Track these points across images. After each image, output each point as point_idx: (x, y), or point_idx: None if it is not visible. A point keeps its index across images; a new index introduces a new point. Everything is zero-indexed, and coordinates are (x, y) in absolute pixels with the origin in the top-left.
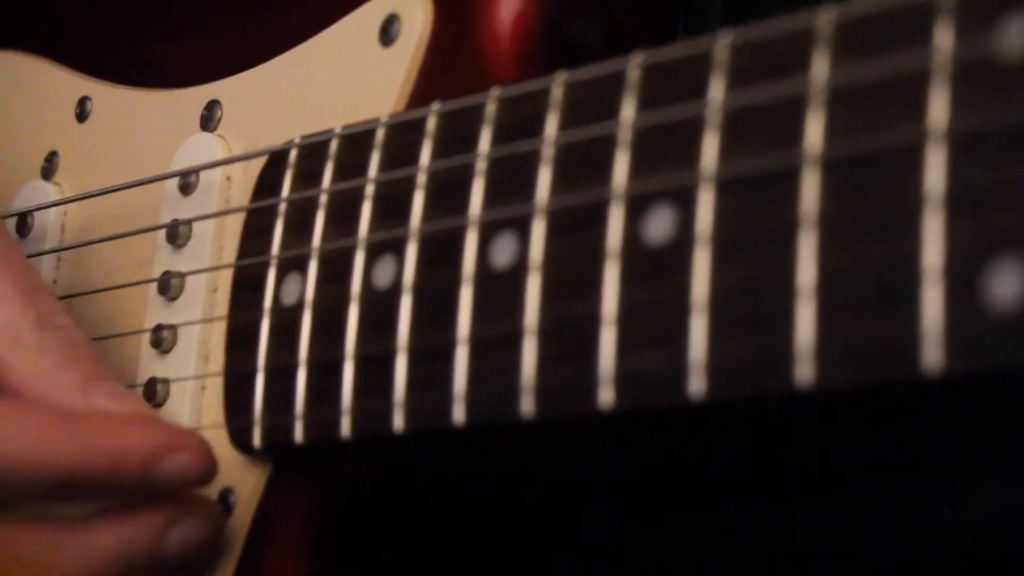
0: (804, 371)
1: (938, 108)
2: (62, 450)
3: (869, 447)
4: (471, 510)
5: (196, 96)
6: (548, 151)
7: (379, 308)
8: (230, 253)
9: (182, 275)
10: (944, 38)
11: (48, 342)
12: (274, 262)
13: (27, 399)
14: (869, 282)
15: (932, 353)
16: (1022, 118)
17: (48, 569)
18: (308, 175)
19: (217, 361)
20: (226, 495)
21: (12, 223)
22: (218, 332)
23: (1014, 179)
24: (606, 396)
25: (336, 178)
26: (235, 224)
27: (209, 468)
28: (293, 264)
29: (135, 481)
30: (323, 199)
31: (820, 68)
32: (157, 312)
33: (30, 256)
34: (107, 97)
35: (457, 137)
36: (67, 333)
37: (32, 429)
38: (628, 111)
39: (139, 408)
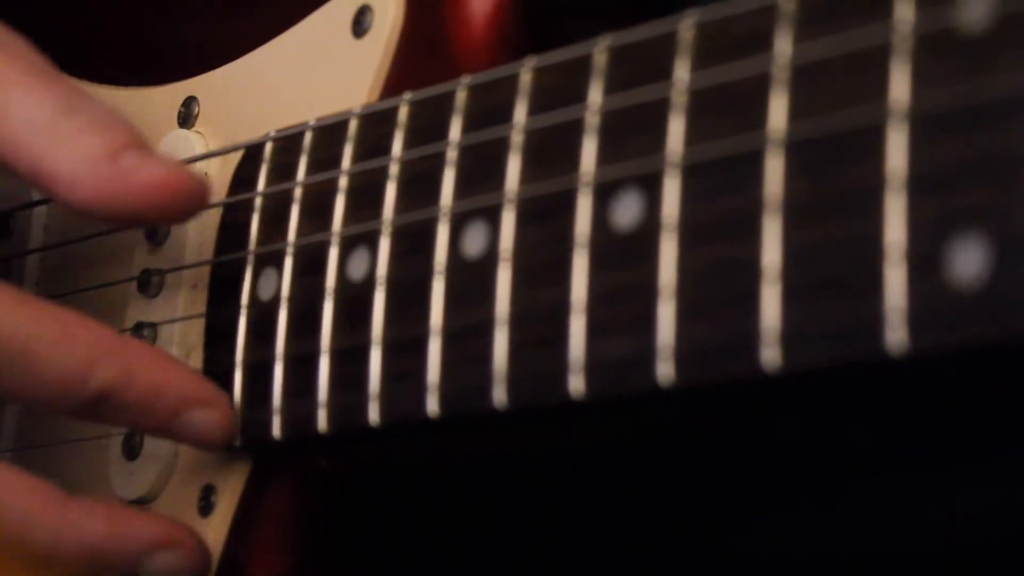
0: (770, 354)
1: (899, 85)
2: (104, 372)
3: (845, 442)
4: (451, 509)
5: (173, 93)
6: (517, 138)
7: (354, 301)
8: (208, 248)
9: (162, 272)
10: (905, 11)
11: (81, 123)
12: (250, 258)
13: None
14: (833, 263)
15: (896, 332)
16: (984, 93)
17: (29, 533)
18: (283, 169)
19: (197, 358)
20: (207, 492)
21: None
22: (198, 329)
23: (975, 156)
24: (576, 384)
25: (310, 171)
26: (213, 219)
27: (231, 429)
28: (269, 259)
29: (165, 414)
30: (297, 193)
31: (783, 46)
32: (137, 310)
33: (12, 257)
34: None
35: (428, 126)
36: (99, 113)
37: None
38: (595, 95)
39: (170, 163)
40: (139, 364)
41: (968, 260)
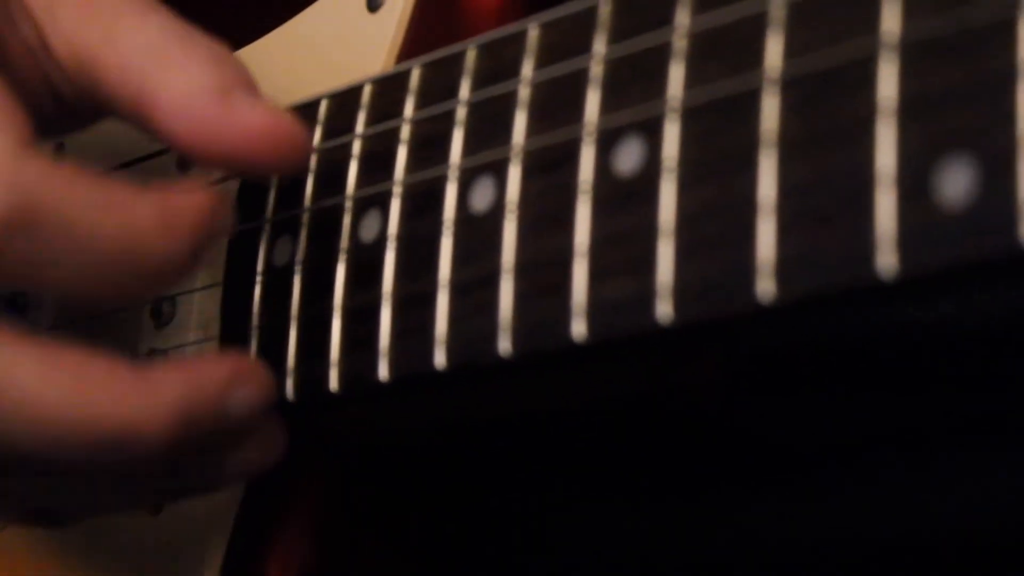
0: (765, 285)
1: (891, 17)
2: (153, 239)
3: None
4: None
5: None
6: (524, 92)
7: (365, 262)
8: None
9: None
10: None
11: (191, 53)
12: (266, 226)
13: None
14: (826, 194)
15: (886, 256)
16: (970, 19)
17: (106, 417)
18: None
19: (214, 328)
20: None
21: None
22: (215, 300)
23: (961, 81)
24: (579, 328)
25: (325, 139)
26: (229, 191)
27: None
28: (284, 226)
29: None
30: (313, 161)
31: None
32: None
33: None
34: None
35: (439, 88)
36: (210, 46)
37: (127, 214)
38: (599, 46)
39: (276, 109)
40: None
41: (956, 181)
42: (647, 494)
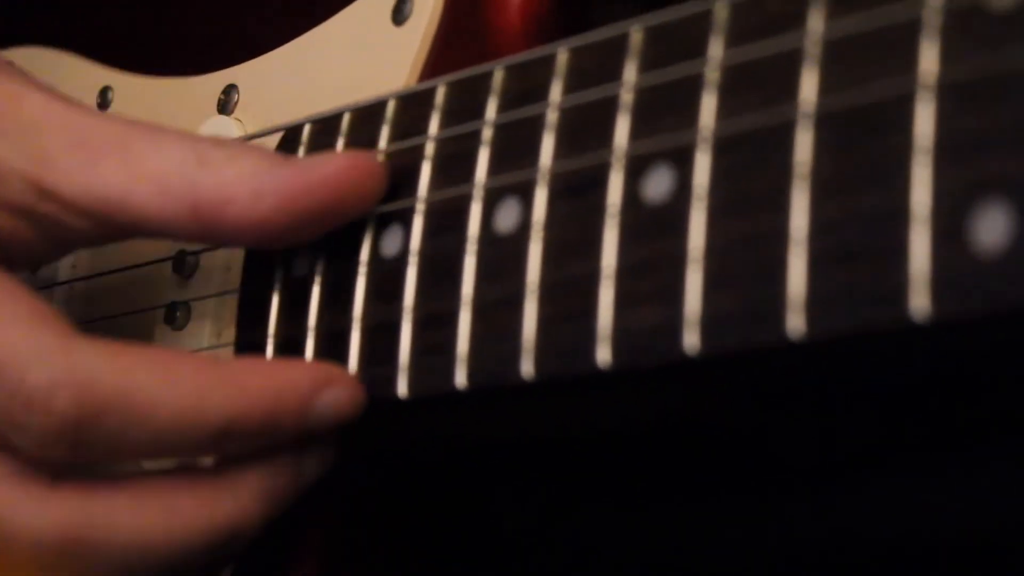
0: (795, 321)
1: (929, 58)
2: (219, 402)
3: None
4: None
5: (214, 81)
6: (552, 116)
7: (386, 277)
8: None
9: (196, 253)
10: None
11: (232, 151)
12: None
13: None
14: (859, 232)
15: (920, 298)
16: (1010, 64)
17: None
18: (321, 151)
19: (229, 335)
20: None
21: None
22: (230, 307)
23: (1000, 125)
24: (603, 354)
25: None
26: None
27: (361, 399)
28: None
29: (293, 422)
30: None
31: (815, 23)
32: (172, 290)
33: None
34: (127, 86)
35: (464, 107)
36: (238, 142)
37: (188, 382)
38: (630, 74)
39: (337, 152)
40: (250, 381)
41: (991, 227)
42: (650, 498)
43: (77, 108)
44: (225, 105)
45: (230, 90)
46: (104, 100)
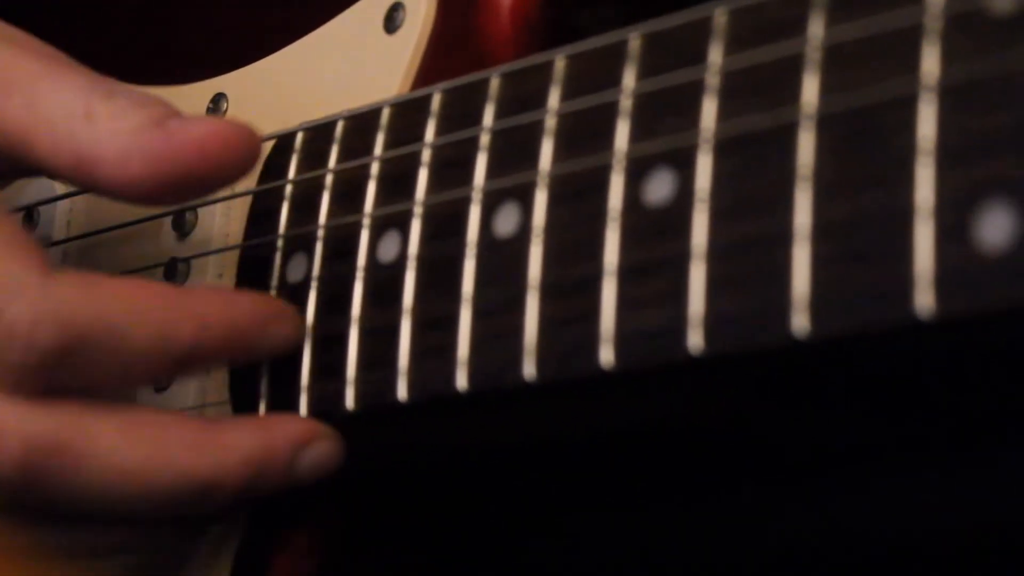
0: (800, 320)
1: (930, 61)
2: (184, 328)
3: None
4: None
5: (202, 90)
6: (550, 122)
7: (384, 282)
8: (235, 239)
9: (188, 260)
10: None
11: (117, 107)
12: (280, 242)
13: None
14: (863, 231)
15: (924, 296)
16: (1011, 67)
17: (197, 465)
18: (314, 158)
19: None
20: None
21: (19, 217)
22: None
23: (1003, 127)
24: (607, 355)
25: (342, 159)
26: (240, 211)
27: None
28: (299, 243)
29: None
30: (328, 180)
31: (816, 29)
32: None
33: None
34: None
35: (461, 114)
36: (135, 95)
37: (156, 312)
38: (629, 80)
39: (218, 119)
40: (209, 308)
41: (995, 225)
42: (650, 498)
43: (9, 45)
44: (214, 114)
45: (219, 99)
46: None
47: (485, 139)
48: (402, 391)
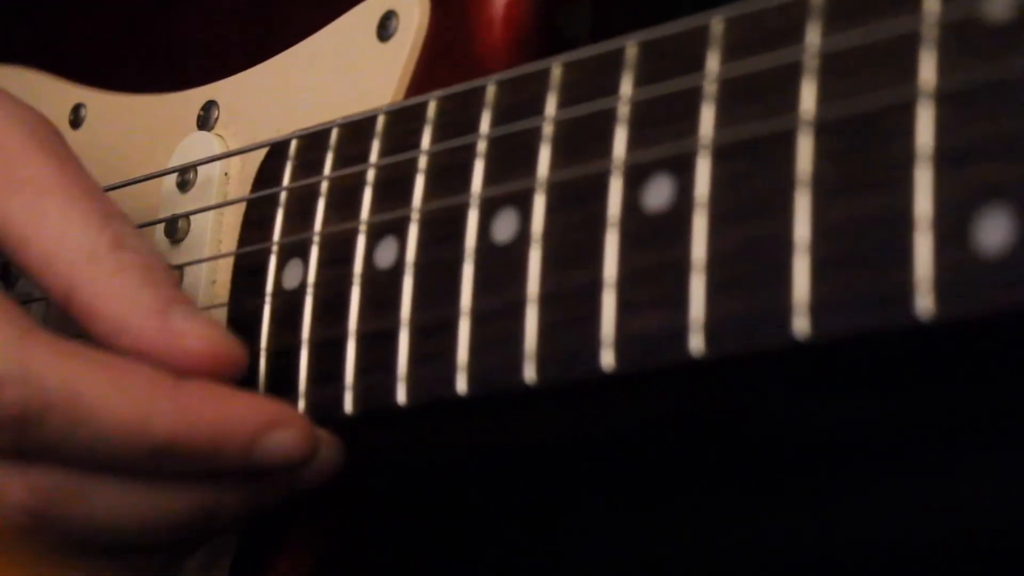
0: (801, 323)
1: (928, 68)
2: (164, 420)
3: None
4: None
5: (193, 98)
6: (548, 129)
7: (381, 287)
8: (229, 246)
9: (181, 267)
10: (933, 3)
11: (125, 262)
12: (275, 248)
13: (106, 320)
14: (862, 236)
15: (924, 299)
16: (1008, 74)
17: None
18: (308, 165)
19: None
20: None
21: None
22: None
23: (1001, 132)
24: (607, 358)
25: (337, 167)
26: (234, 218)
27: (312, 447)
28: (294, 250)
29: (237, 455)
30: (324, 187)
31: (813, 37)
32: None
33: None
34: (101, 103)
35: (457, 121)
36: (144, 255)
37: (138, 393)
38: (626, 87)
39: (216, 330)
40: (200, 405)
41: (994, 229)
42: (650, 498)
43: (21, 134)
44: (205, 121)
45: (210, 106)
46: (77, 117)
47: (483, 146)
48: (401, 395)
